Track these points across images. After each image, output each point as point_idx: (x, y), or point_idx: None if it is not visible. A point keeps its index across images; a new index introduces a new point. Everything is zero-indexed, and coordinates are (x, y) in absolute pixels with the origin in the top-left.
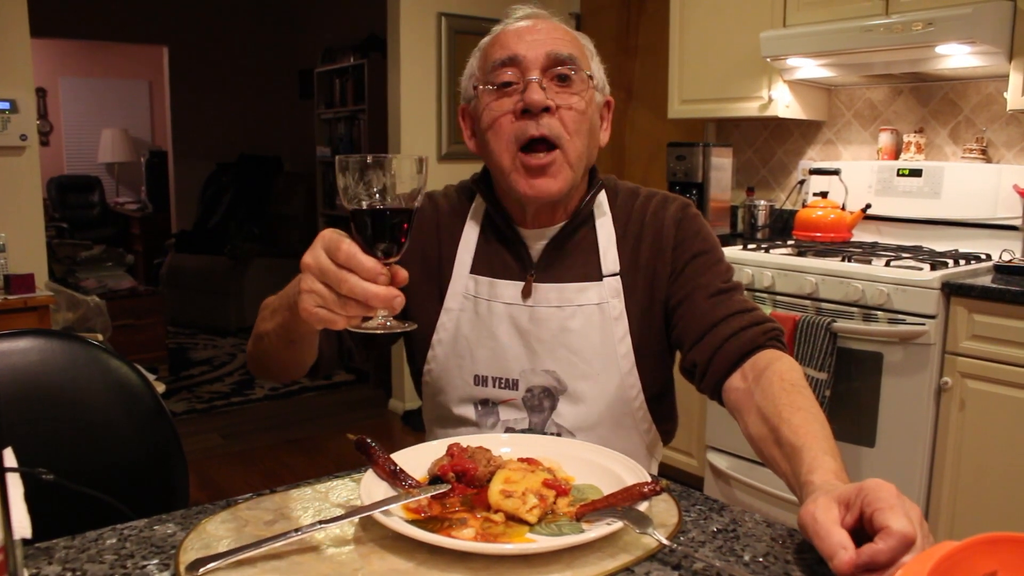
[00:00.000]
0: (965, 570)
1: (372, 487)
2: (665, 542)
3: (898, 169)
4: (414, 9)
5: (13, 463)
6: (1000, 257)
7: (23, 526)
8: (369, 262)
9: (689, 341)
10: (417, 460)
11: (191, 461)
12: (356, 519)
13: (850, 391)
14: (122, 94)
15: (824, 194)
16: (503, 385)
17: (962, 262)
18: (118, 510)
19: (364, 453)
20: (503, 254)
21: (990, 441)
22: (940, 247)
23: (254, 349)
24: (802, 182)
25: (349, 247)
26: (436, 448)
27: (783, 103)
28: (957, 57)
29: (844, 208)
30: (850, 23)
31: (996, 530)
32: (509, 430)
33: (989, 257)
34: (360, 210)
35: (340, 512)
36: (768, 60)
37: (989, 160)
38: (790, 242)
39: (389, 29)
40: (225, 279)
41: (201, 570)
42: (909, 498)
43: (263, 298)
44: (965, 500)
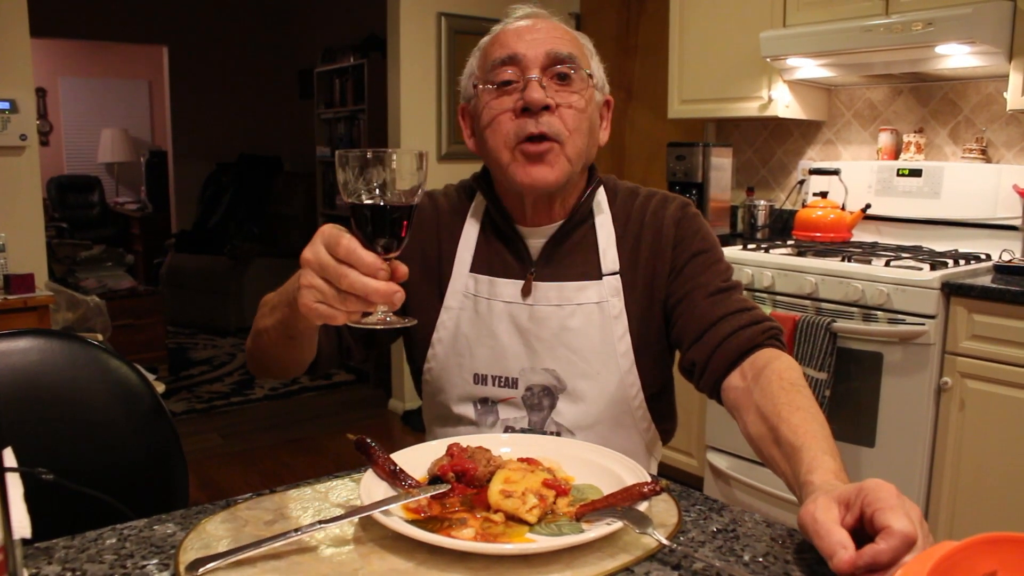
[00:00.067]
0: (965, 570)
1: (372, 487)
2: (665, 542)
3: (898, 169)
4: (414, 9)
5: (13, 463)
6: (1000, 257)
7: (23, 526)
8: (369, 257)
9: (688, 340)
10: (417, 460)
11: (191, 461)
12: (356, 519)
13: (850, 391)
14: (122, 94)
15: (824, 194)
16: (503, 384)
17: (962, 262)
18: (118, 510)
19: (364, 453)
20: (503, 253)
21: (990, 441)
22: (940, 247)
23: (253, 346)
24: (802, 182)
25: (349, 242)
26: (436, 448)
27: (783, 103)
28: (957, 57)
29: (844, 208)
30: (850, 23)
31: (996, 530)
32: (509, 429)
33: (989, 257)
34: (360, 205)
35: (340, 512)
36: (768, 60)
37: (989, 160)
38: (790, 242)
39: (389, 29)
40: (225, 279)
41: (201, 570)
42: (909, 498)
43: (262, 298)
44: (965, 500)
